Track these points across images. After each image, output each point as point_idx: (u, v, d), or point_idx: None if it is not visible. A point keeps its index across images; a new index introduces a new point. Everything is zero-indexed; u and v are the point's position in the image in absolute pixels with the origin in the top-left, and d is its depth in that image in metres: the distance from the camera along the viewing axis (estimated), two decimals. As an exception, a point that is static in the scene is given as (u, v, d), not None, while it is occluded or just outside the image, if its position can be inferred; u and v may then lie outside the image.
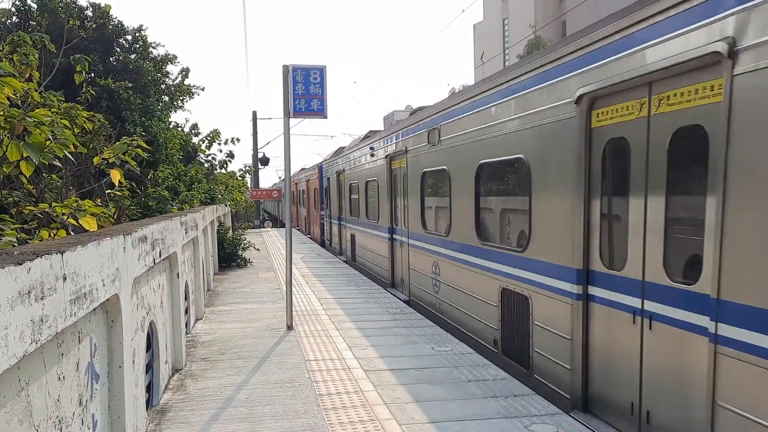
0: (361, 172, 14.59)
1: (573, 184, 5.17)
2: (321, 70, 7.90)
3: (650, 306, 4.38)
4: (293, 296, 8.63)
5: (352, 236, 16.20)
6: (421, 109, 11.55)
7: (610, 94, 4.75)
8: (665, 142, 4.19)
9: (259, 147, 33.74)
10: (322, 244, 22.25)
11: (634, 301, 4.55)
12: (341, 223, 18.12)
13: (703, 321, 3.78)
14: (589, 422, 4.87)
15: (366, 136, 16.10)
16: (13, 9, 11.70)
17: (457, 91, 9.45)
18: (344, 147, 19.97)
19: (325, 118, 8.08)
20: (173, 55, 13.55)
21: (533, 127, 5.89)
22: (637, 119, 4.48)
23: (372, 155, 13.36)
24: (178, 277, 6.10)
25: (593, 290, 5.03)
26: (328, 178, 20.31)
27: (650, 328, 4.37)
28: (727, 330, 3.53)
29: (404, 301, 10.33)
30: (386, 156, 11.78)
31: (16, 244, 3.84)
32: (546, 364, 5.70)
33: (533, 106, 5.87)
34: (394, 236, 11.96)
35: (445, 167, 8.55)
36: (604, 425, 4.84)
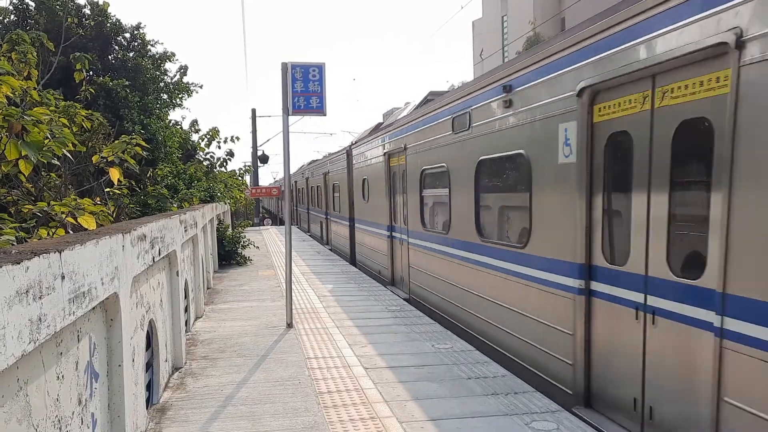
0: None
1: None
2: (320, 68, 7.88)
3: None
4: (293, 294, 8.62)
5: (299, 212, 33.28)
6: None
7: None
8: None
9: (258, 145, 33.72)
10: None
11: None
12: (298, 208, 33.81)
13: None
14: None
15: (311, 162, 28.40)
16: (10, 7, 11.67)
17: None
18: (304, 163, 34.08)
19: (324, 115, 8.07)
20: (172, 53, 13.50)
21: None
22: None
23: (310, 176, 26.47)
24: (178, 275, 6.09)
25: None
26: (295, 182, 33.18)
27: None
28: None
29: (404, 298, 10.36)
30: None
31: (14, 243, 3.83)
32: None
33: None
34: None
35: None
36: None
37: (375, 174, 13.10)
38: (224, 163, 14.92)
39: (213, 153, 14.71)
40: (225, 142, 14.41)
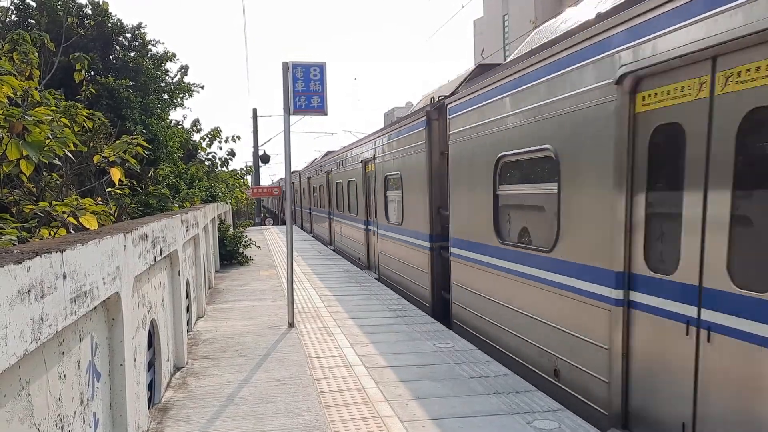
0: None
1: None
2: (321, 67, 7.88)
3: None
4: (294, 293, 8.63)
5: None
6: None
7: None
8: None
9: (259, 144, 33.76)
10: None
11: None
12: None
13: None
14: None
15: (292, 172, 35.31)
16: (11, 7, 11.68)
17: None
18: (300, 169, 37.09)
19: (326, 114, 8.07)
20: (172, 53, 13.53)
21: None
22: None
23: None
24: (179, 274, 6.09)
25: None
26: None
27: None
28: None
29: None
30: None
31: (16, 243, 3.84)
32: None
33: None
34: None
35: None
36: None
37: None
38: (225, 163, 14.95)
39: (215, 153, 14.75)
40: (226, 141, 14.43)
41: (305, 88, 7.82)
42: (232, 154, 15.01)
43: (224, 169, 15.22)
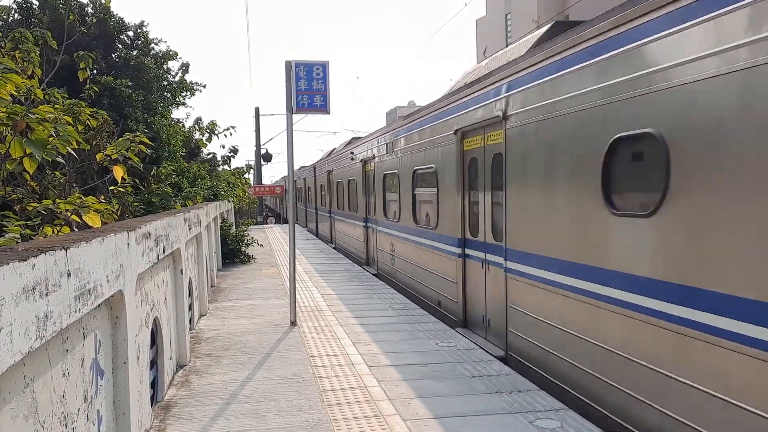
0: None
1: None
2: (323, 66, 7.88)
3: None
4: (296, 292, 8.63)
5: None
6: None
7: None
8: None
9: (262, 143, 33.79)
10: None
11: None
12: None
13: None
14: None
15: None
16: (14, 5, 11.68)
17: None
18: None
19: (328, 113, 8.06)
20: (174, 52, 13.49)
21: None
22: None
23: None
24: (182, 273, 6.10)
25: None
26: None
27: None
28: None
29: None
30: None
31: (20, 241, 3.84)
32: None
33: None
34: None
35: None
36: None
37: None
38: (227, 161, 14.93)
39: (214, 153, 14.74)
40: (223, 134, 14.20)
41: (308, 87, 7.81)
42: (234, 151, 14.99)
43: (226, 167, 15.22)
